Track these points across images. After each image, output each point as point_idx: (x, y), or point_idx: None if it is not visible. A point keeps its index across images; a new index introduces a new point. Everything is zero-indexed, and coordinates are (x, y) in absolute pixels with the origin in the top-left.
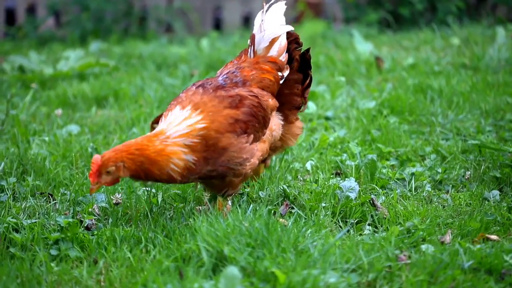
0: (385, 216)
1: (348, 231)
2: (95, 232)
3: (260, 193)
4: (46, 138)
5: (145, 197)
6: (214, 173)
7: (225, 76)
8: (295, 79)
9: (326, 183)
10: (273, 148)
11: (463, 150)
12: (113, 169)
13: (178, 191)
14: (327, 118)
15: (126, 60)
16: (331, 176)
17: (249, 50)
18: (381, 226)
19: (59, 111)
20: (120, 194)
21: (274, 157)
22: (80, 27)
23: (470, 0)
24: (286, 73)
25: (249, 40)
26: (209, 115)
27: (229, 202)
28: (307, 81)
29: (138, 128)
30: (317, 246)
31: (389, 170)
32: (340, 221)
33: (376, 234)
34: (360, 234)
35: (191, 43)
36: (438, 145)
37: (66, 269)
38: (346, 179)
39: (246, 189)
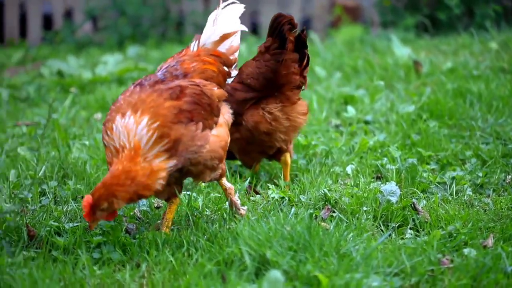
0: (426, 220)
1: (390, 235)
2: (137, 236)
3: (301, 197)
4: (86, 142)
5: (186, 201)
6: (179, 167)
7: (164, 70)
8: (291, 58)
9: (367, 187)
10: (284, 131)
11: (504, 154)
12: (106, 206)
13: (219, 194)
14: (366, 122)
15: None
16: (372, 180)
17: (192, 44)
18: (423, 230)
19: (98, 115)
20: None
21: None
22: (118, 32)
23: (508, 4)
24: (234, 72)
25: (194, 38)
26: (152, 112)
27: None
28: (305, 60)
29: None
30: (359, 249)
31: (430, 174)
32: (381, 225)
33: (418, 238)
34: (402, 238)
35: None
36: (478, 149)
37: (109, 272)
38: (387, 183)
39: (289, 192)
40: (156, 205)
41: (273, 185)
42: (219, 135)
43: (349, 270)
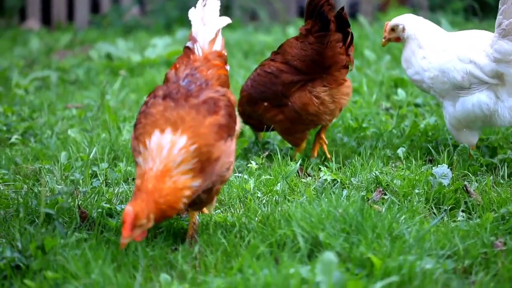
0: (478, 203)
1: (442, 217)
2: (188, 218)
3: (352, 179)
4: None
5: (238, 183)
6: (209, 186)
7: (187, 80)
8: (336, 39)
9: (419, 169)
10: (330, 112)
11: None
12: (145, 222)
13: (270, 177)
14: (416, 105)
15: None
16: (423, 162)
17: (195, 47)
18: (475, 213)
19: None
20: None
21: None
22: (165, 15)
23: None
24: (228, 67)
25: (190, 38)
26: (192, 131)
27: (197, 218)
28: (348, 38)
29: None
30: (411, 232)
31: (481, 157)
32: (433, 208)
33: (470, 221)
34: (454, 221)
35: (277, 31)
36: None
37: (161, 253)
38: (439, 165)
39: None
40: None
41: (324, 167)
42: (235, 145)
43: (402, 252)
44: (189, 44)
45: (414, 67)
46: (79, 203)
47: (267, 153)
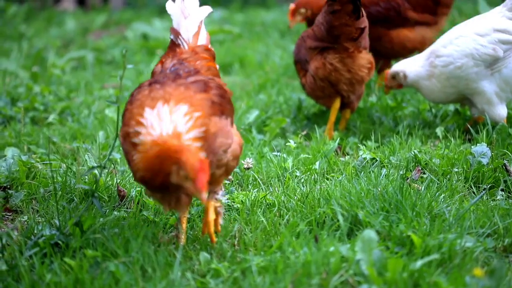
0: None
1: (482, 196)
2: (228, 196)
3: (391, 158)
4: None
5: (276, 161)
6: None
7: (176, 68)
8: (344, 10)
9: (458, 148)
10: (347, 82)
11: None
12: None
13: (309, 155)
14: None
15: (249, 28)
16: (462, 141)
17: (180, 41)
18: None
19: None
20: (250, 159)
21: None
22: None
23: None
24: (218, 66)
25: (172, 33)
26: (187, 101)
27: (220, 207)
28: (359, 13)
29: (265, 93)
30: (451, 210)
31: None
32: (472, 186)
33: (510, 200)
34: (494, 200)
35: None
36: None
37: (200, 232)
38: (478, 144)
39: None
40: (245, 166)
41: (363, 146)
42: (237, 133)
43: (442, 231)
44: (172, 37)
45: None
46: (118, 182)
47: (305, 131)
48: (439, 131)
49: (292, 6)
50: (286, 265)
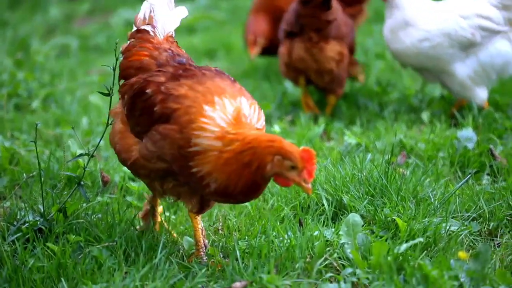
0: (504, 166)
1: (468, 179)
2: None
3: (376, 143)
4: None
5: None
6: None
7: (179, 59)
8: (315, 2)
9: (443, 133)
10: (317, 73)
11: None
12: None
13: (293, 140)
14: None
15: (235, 14)
16: (448, 126)
17: (156, 31)
18: (500, 176)
19: None
20: None
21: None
22: None
23: None
24: None
25: (148, 22)
26: (237, 94)
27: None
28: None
29: (250, 80)
30: (436, 195)
31: (507, 120)
32: (458, 171)
33: (495, 184)
34: (479, 184)
35: None
36: None
37: (183, 218)
38: (463, 129)
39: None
40: None
41: (348, 131)
42: None
43: (427, 215)
44: (146, 27)
45: (403, 40)
46: (101, 168)
47: (290, 117)
48: (425, 116)
49: (250, 37)
50: (270, 249)
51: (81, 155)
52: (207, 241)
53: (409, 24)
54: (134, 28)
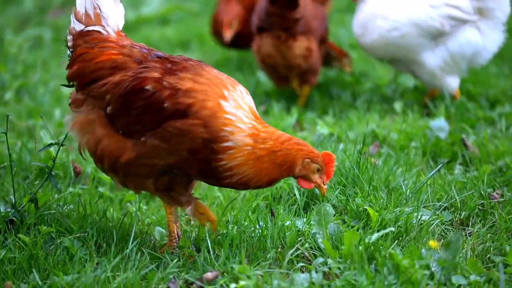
0: (476, 156)
1: (439, 169)
2: None
3: (349, 133)
4: None
5: None
6: None
7: (155, 53)
8: (281, 2)
9: (416, 123)
10: (286, 68)
11: None
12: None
13: None
14: None
15: (209, 5)
16: (421, 116)
17: (108, 30)
18: (472, 166)
19: None
20: None
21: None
22: None
23: None
24: None
25: (95, 22)
26: (230, 84)
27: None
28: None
29: (223, 70)
30: (408, 184)
31: (479, 110)
32: (430, 161)
33: (467, 173)
34: (451, 174)
35: None
36: None
37: (155, 209)
38: (436, 119)
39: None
40: None
41: (321, 121)
42: None
43: (398, 204)
44: (95, 28)
45: (372, 33)
46: (73, 159)
47: (263, 107)
48: (397, 106)
49: (226, 18)
50: (241, 240)
51: (51, 144)
52: (180, 232)
53: (377, 16)
54: (76, 23)
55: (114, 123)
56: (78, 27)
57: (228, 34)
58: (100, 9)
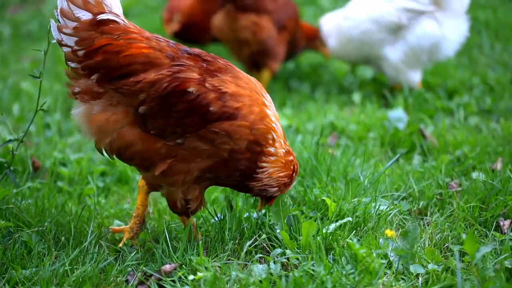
0: (434, 146)
1: (397, 159)
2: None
3: (307, 124)
4: None
5: None
6: None
7: (183, 49)
8: None
9: (374, 114)
10: (235, 44)
11: (511, 81)
12: None
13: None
14: None
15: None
16: (379, 107)
17: (121, 19)
18: (431, 156)
19: None
20: None
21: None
22: None
23: None
24: None
25: (104, 10)
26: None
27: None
28: None
29: None
30: (366, 175)
31: (437, 101)
32: (389, 151)
33: (425, 163)
34: (409, 164)
35: None
36: (486, 76)
37: (114, 202)
38: (394, 109)
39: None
40: None
41: (280, 112)
42: None
43: (356, 195)
44: (112, 17)
45: (336, 35)
46: (32, 154)
47: None
48: (356, 97)
49: (166, 14)
50: (202, 232)
51: (10, 141)
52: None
53: (340, 17)
54: (75, 9)
55: (146, 123)
56: (82, 14)
57: (169, 30)
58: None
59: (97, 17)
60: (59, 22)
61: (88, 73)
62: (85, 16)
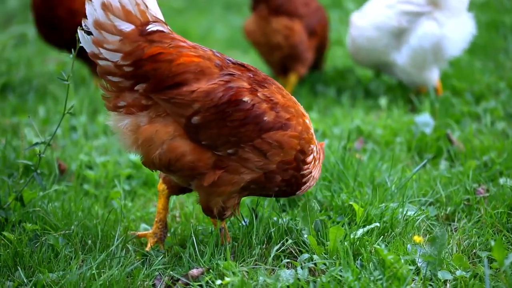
0: (461, 151)
1: (425, 164)
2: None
3: (334, 129)
4: None
5: None
6: None
7: (227, 58)
8: None
9: (401, 118)
10: (262, 43)
11: None
12: None
13: None
14: None
15: (193, 2)
16: (406, 112)
17: (169, 28)
18: (458, 161)
19: None
20: None
21: None
22: None
23: None
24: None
25: (154, 20)
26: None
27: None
28: None
29: None
30: (393, 180)
31: (464, 105)
32: (416, 156)
33: (452, 169)
34: (436, 169)
35: None
36: None
37: (140, 205)
38: (421, 114)
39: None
40: None
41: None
42: None
43: (383, 200)
44: (160, 27)
45: (350, 43)
46: (58, 156)
47: None
48: (382, 101)
49: None
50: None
51: (37, 143)
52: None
53: (352, 26)
54: (116, 20)
55: (197, 134)
56: (125, 26)
57: None
58: (146, 5)
59: (147, 28)
60: (93, 35)
61: (133, 84)
62: (129, 28)
